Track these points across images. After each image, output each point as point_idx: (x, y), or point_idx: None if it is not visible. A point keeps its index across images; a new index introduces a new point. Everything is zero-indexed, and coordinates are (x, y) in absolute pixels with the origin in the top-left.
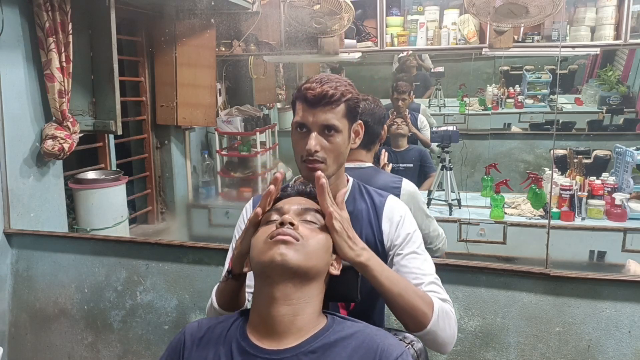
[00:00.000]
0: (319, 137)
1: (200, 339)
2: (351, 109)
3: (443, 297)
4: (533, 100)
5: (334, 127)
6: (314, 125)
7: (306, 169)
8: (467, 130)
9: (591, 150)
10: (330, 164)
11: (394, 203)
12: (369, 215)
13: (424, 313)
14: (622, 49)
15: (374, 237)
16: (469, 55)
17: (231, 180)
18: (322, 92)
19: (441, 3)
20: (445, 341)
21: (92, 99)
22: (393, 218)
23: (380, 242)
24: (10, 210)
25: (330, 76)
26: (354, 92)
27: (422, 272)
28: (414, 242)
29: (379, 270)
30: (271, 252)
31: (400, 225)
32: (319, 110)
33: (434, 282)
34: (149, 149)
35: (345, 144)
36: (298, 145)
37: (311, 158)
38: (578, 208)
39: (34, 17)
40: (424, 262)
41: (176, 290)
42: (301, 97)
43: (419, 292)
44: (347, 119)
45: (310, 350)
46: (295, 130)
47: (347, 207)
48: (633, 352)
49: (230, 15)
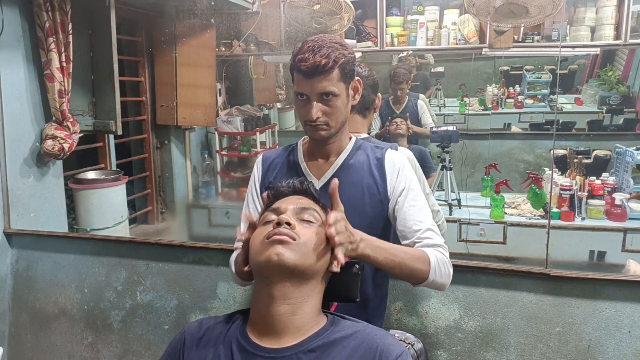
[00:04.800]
0: (319, 104)
1: (200, 339)
2: (345, 72)
3: (436, 242)
4: (533, 100)
5: (331, 92)
6: (312, 94)
7: (310, 129)
8: (467, 130)
9: (591, 150)
10: (333, 125)
11: (393, 154)
12: (369, 166)
13: (422, 271)
14: (622, 49)
15: (375, 186)
16: (469, 55)
17: (231, 180)
18: (315, 63)
19: (441, 3)
20: (444, 283)
21: (92, 99)
22: (394, 167)
23: (383, 190)
24: (10, 210)
25: (322, 41)
26: (346, 52)
27: (419, 220)
28: (412, 190)
29: (377, 254)
30: (268, 252)
31: (399, 173)
32: (315, 80)
33: (430, 229)
34: (149, 149)
35: (345, 103)
36: (300, 112)
37: (313, 124)
38: (578, 208)
39: (34, 17)
40: (421, 210)
41: (176, 290)
42: (296, 68)
43: (415, 253)
44: (342, 82)
45: (309, 349)
46: (297, 98)
47: (348, 160)
48: (633, 352)
49: (230, 15)
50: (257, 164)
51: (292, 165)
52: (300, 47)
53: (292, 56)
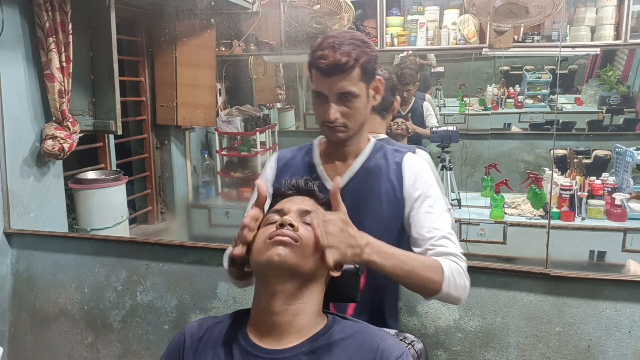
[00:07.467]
0: (337, 104)
1: (200, 339)
2: (367, 71)
3: (451, 251)
4: (533, 100)
5: (350, 93)
6: (330, 93)
7: (327, 131)
8: (467, 130)
9: (591, 150)
10: (352, 126)
11: (412, 158)
12: (388, 171)
13: (434, 282)
14: (622, 49)
15: (393, 191)
16: (469, 55)
17: (231, 180)
18: (335, 61)
19: (441, 3)
20: (459, 297)
21: (92, 99)
22: (412, 172)
23: (400, 196)
24: (10, 210)
25: (343, 37)
26: (368, 50)
27: (435, 227)
28: (430, 197)
29: (385, 261)
30: (269, 252)
31: (417, 179)
32: (334, 79)
33: (446, 237)
34: (149, 149)
35: (365, 104)
36: (318, 111)
37: (331, 125)
38: (578, 208)
39: (34, 17)
40: (438, 217)
41: (176, 290)
42: (315, 65)
43: (427, 262)
44: (363, 81)
45: (310, 350)
46: (315, 97)
47: (367, 164)
48: (633, 352)
49: (230, 15)
50: (271, 162)
51: (308, 167)
52: (319, 42)
53: (311, 52)
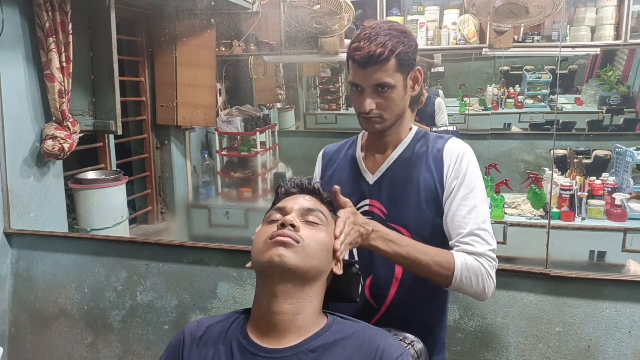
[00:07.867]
0: (373, 96)
1: (200, 338)
2: (403, 62)
3: (477, 250)
4: (533, 100)
5: (386, 84)
6: (366, 84)
7: (364, 122)
8: (467, 130)
9: (591, 150)
10: (388, 117)
11: (454, 143)
12: (428, 158)
13: (440, 275)
14: (622, 49)
15: (433, 180)
16: (469, 55)
17: (231, 180)
18: (370, 52)
19: (441, 3)
20: (476, 295)
21: (92, 99)
22: (452, 158)
23: (440, 184)
24: (10, 210)
25: (380, 28)
26: (405, 40)
27: (465, 222)
28: (467, 187)
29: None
30: (270, 252)
31: (456, 165)
32: (369, 70)
33: (474, 234)
34: (149, 149)
35: (401, 95)
36: (354, 103)
37: (367, 116)
38: (578, 208)
39: (34, 17)
40: (471, 210)
41: (176, 290)
42: (351, 56)
43: (438, 255)
44: (400, 72)
45: (310, 349)
46: (351, 88)
47: (406, 153)
48: (633, 352)
49: (230, 15)
50: (318, 159)
51: (350, 160)
52: (357, 34)
53: (350, 43)
